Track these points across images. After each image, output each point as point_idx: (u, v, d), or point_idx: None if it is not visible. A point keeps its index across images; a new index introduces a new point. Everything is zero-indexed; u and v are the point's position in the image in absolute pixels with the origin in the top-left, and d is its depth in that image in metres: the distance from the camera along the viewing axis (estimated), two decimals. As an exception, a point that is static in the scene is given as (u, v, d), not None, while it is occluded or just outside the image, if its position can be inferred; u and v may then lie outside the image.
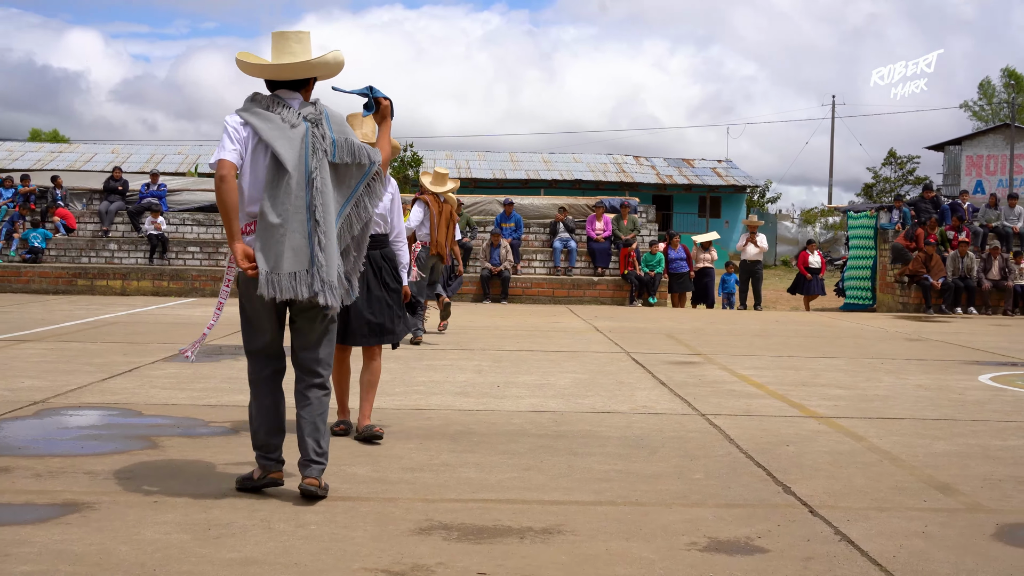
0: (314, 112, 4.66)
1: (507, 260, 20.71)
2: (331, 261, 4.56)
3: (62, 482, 4.91)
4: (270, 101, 4.66)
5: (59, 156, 53.85)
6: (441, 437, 6.24)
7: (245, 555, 3.86)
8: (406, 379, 8.76)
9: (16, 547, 3.88)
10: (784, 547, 4.12)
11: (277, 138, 4.53)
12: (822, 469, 5.57)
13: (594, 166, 55.11)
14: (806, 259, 22.47)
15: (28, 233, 21.42)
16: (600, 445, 6.09)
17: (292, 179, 4.49)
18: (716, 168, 56.24)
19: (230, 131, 4.58)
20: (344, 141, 4.66)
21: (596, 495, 4.90)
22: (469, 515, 4.48)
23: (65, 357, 9.78)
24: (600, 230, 21.71)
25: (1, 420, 6.47)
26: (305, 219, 4.52)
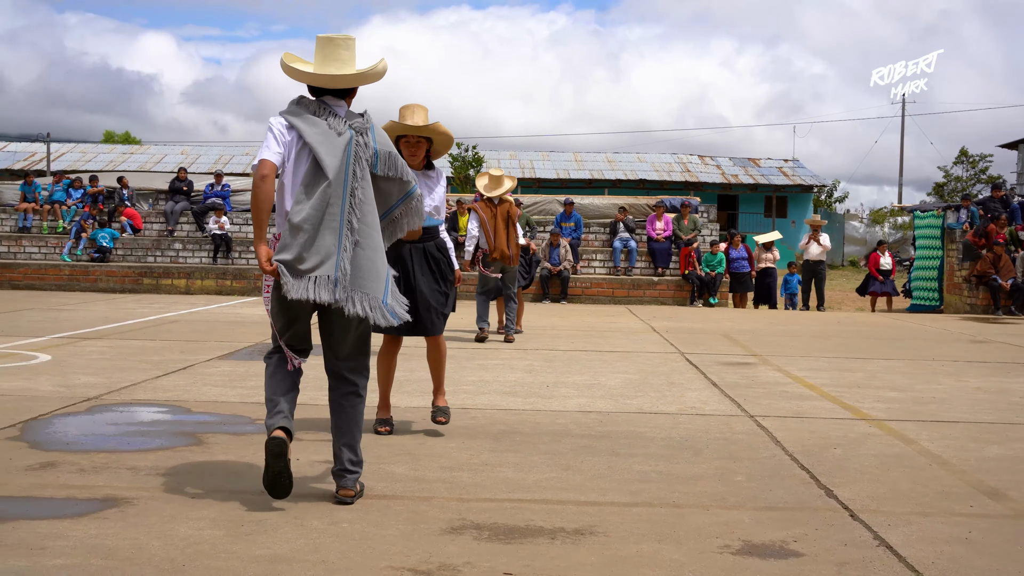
0: (361, 123, 4.65)
1: (567, 260, 20.66)
2: (375, 276, 4.53)
3: (104, 477, 4.97)
4: (317, 107, 4.64)
5: (130, 157, 54.82)
6: (484, 436, 6.23)
7: (274, 552, 3.87)
8: (456, 378, 8.77)
9: (53, 540, 3.94)
10: (819, 551, 4.04)
11: (321, 143, 4.51)
12: (868, 472, 5.47)
13: (658, 166, 54.82)
14: (877, 260, 22.05)
15: (96, 233, 21.81)
16: (643, 446, 6.04)
17: (331, 186, 4.47)
18: (782, 167, 55.65)
19: (275, 132, 4.56)
20: (387, 155, 4.65)
21: (633, 496, 4.85)
22: (502, 515, 4.46)
23: (123, 354, 9.94)
24: (660, 230, 21.57)
25: (53, 415, 6.58)
26: (339, 226, 4.47)
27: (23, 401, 7.06)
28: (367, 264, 4.52)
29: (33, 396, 7.29)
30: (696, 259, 20.72)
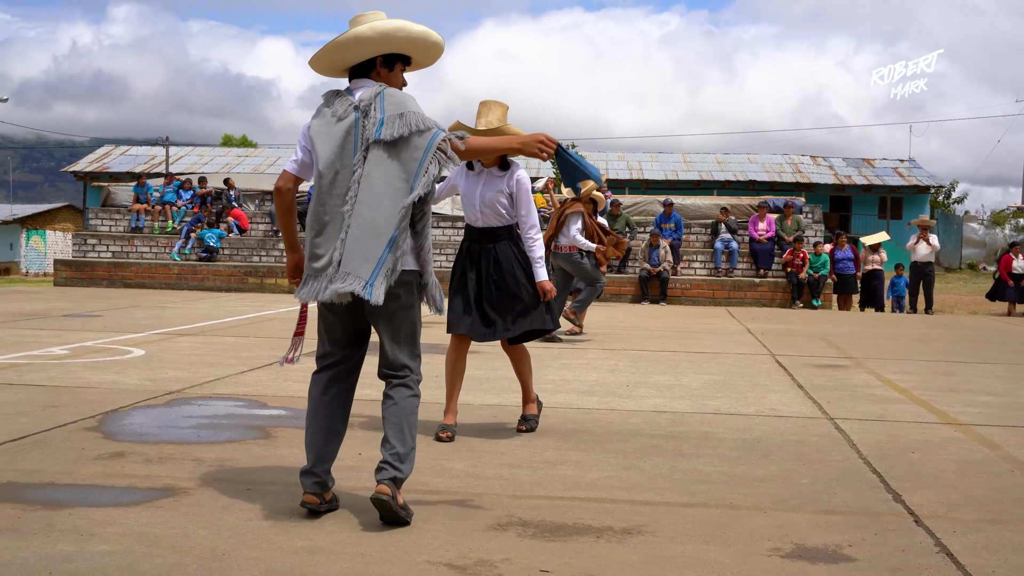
0: (369, 96, 4.26)
1: (666, 261, 20.46)
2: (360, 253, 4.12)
3: (168, 468, 5.06)
4: (333, 95, 4.37)
5: (245, 160, 56.09)
6: (551, 435, 6.17)
7: (315, 544, 3.88)
8: (536, 377, 8.70)
9: (103, 527, 4.01)
10: (873, 556, 3.90)
11: (320, 135, 4.27)
12: (942, 478, 5.26)
13: (769, 166, 53.99)
14: (1009, 263, 21.03)
15: (204, 233, 22.34)
16: (712, 447, 5.92)
17: (325, 178, 4.22)
18: (898, 168, 54.33)
19: (300, 138, 4.41)
20: (397, 116, 4.21)
21: (690, 497, 4.75)
22: (552, 513, 4.41)
23: (214, 350, 10.14)
24: (763, 230, 21.22)
25: (133, 408, 6.73)
26: (340, 215, 4.18)
27: (108, 394, 7.25)
28: (354, 243, 4.14)
29: (119, 389, 7.47)
30: (800, 260, 20.32)
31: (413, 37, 4.39)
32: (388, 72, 4.42)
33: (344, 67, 4.45)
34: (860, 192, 52.54)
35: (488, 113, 5.70)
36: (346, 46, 4.34)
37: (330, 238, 4.20)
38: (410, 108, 4.24)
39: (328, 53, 4.39)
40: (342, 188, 4.20)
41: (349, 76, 4.48)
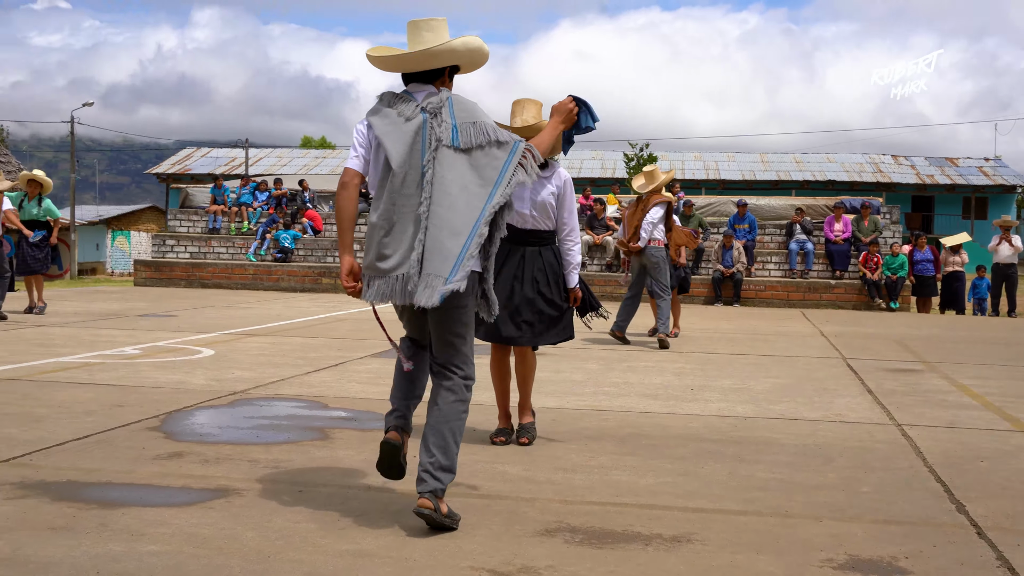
0: (436, 102, 4.33)
1: (740, 262, 20.23)
2: (440, 254, 4.12)
3: (224, 469, 5.10)
4: (393, 97, 4.40)
5: (322, 162, 56.68)
6: (608, 439, 6.11)
7: (360, 548, 3.88)
8: (600, 379, 8.67)
9: (154, 528, 4.05)
10: (930, 570, 3.79)
11: (388, 134, 4.27)
12: (1011, 488, 5.11)
13: (849, 166, 53.19)
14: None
15: (279, 234, 22.60)
16: (773, 453, 5.82)
17: (398, 176, 4.22)
18: (983, 167, 53.17)
19: (356, 136, 4.40)
20: (469, 125, 4.27)
21: (745, 504, 4.66)
22: (602, 519, 4.36)
23: (282, 351, 10.24)
24: (839, 231, 20.87)
25: (196, 408, 6.81)
26: (416, 216, 4.18)
27: (174, 393, 7.34)
28: (433, 244, 4.14)
29: (185, 389, 7.57)
30: (877, 262, 19.95)
31: (485, 54, 4.53)
32: (450, 81, 4.52)
33: (414, 71, 4.45)
34: (943, 192, 51.53)
35: (523, 111, 5.61)
36: (438, 56, 4.39)
37: (401, 238, 4.20)
38: (481, 117, 4.31)
39: (417, 59, 4.40)
40: (411, 188, 4.21)
41: (407, 79, 4.49)
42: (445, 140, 4.23)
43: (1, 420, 6.18)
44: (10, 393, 7.17)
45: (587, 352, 10.81)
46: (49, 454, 5.32)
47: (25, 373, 8.19)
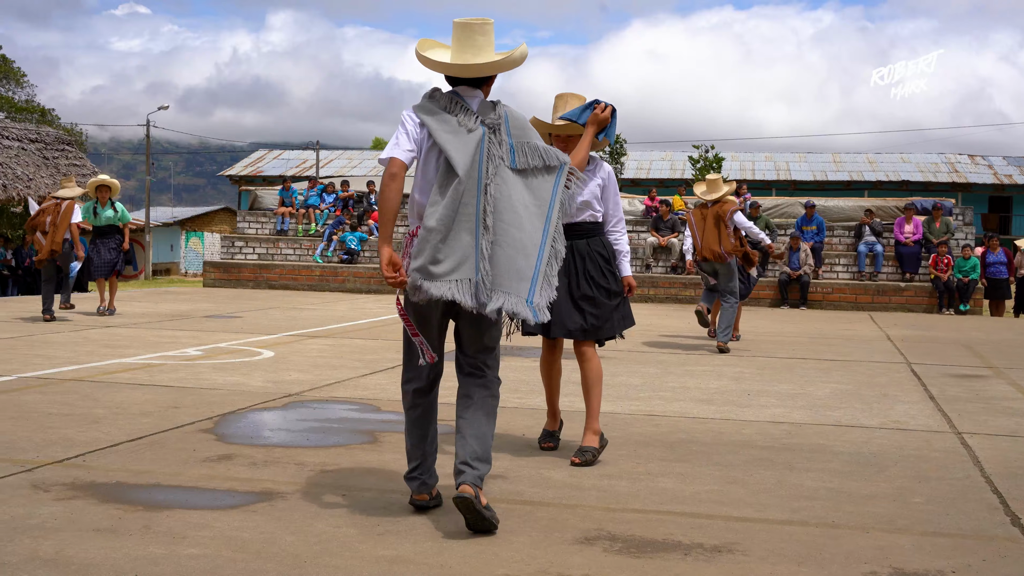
0: (494, 117, 4.41)
1: (807, 264, 19.98)
2: (513, 274, 4.24)
3: (270, 472, 5.14)
4: (448, 101, 4.42)
5: (392, 163, 56.97)
6: (658, 445, 6.06)
7: (398, 554, 3.88)
8: (657, 384, 8.61)
9: (196, 531, 4.09)
10: (977, 584, 3.69)
11: (451, 142, 4.28)
12: (1069, 499, 4.96)
13: (923, 166, 52.24)
14: None
15: (346, 236, 22.80)
16: (825, 461, 5.72)
17: (462, 185, 4.24)
18: (1063, 166, 51.86)
19: (408, 129, 4.37)
20: (525, 145, 4.39)
21: (791, 514, 4.59)
22: (643, 527, 4.31)
23: (341, 353, 10.31)
24: (909, 233, 20.52)
25: (250, 410, 6.88)
26: (474, 226, 4.24)
27: (230, 395, 7.43)
28: (506, 263, 4.25)
29: (241, 391, 7.66)
30: (948, 264, 19.58)
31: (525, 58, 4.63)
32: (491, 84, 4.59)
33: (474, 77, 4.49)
34: (1022, 192, 50.39)
35: (564, 107, 5.52)
36: (499, 66, 4.48)
37: (455, 246, 4.23)
38: (533, 138, 4.44)
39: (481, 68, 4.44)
40: (469, 198, 4.25)
41: (456, 81, 4.51)
42: (505, 160, 4.34)
43: (62, 421, 6.30)
44: (72, 394, 7.31)
45: (646, 355, 10.75)
46: (102, 455, 5.41)
47: (88, 374, 8.34)
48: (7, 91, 57.73)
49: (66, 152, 22.86)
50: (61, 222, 12.92)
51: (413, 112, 4.41)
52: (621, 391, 8.13)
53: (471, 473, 4.16)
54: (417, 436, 4.52)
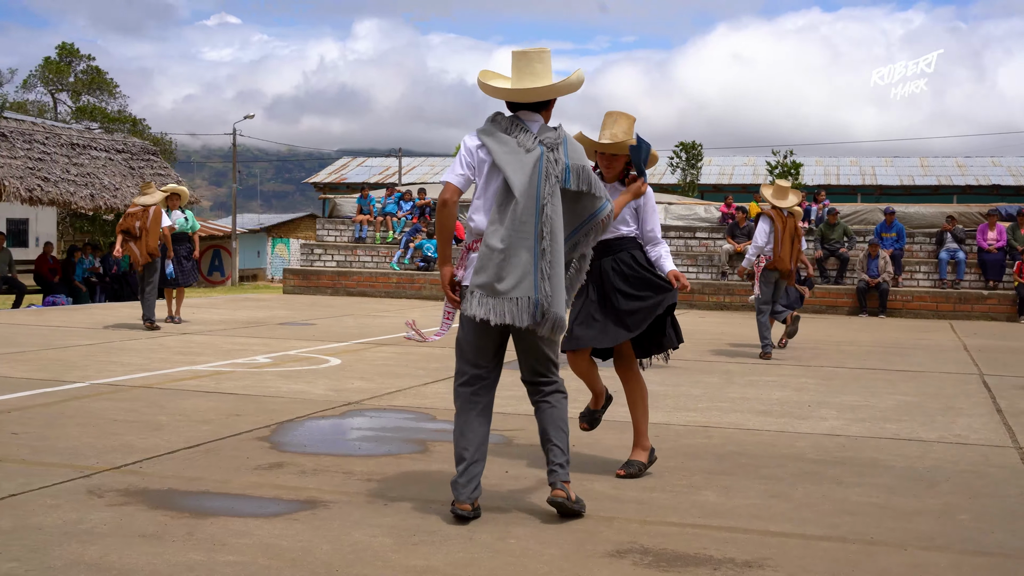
0: (553, 137, 4.59)
1: (886, 272, 19.66)
2: (557, 290, 4.47)
3: (317, 480, 5.25)
4: (509, 124, 4.62)
5: (474, 170, 57.33)
6: (707, 457, 6.05)
7: (429, 564, 3.95)
8: (718, 394, 8.57)
9: (236, 538, 4.20)
10: (1008, 605, 3.64)
11: (509, 163, 4.49)
12: (1123, 519, 4.85)
13: (1016, 170, 50.99)
14: None
15: (423, 243, 23.01)
16: (875, 475, 5.66)
17: (520, 205, 4.44)
18: None
19: (464, 154, 4.61)
20: (580, 169, 4.57)
21: (830, 529, 4.56)
22: (677, 541, 4.32)
23: (406, 361, 10.44)
24: (992, 240, 20.07)
25: (308, 418, 7.02)
26: (532, 245, 4.45)
27: (291, 403, 7.58)
28: (556, 282, 4.48)
29: (303, 399, 7.81)
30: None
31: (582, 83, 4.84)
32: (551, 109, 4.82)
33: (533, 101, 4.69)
34: (1121, 196, 48.91)
35: (613, 125, 5.49)
36: (556, 90, 4.69)
37: (516, 263, 4.46)
38: (586, 164, 4.65)
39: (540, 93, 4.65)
40: (527, 216, 4.47)
41: (516, 106, 4.71)
42: (560, 180, 4.53)
43: (125, 427, 6.49)
44: (139, 401, 7.52)
45: (712, 365, 10.70)
46: (158, 462, 5.57)
47: (158, 381, 8.57)
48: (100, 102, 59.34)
49: (151, 162, 23.45)
50: (152, 227, 13.25)
51: (475, 135, 4.64)
52: (680, 402, 8.11)
53: (562, 475, 4.59)
54: (466, 440, 4.62)
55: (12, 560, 3.86)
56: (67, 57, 59.12)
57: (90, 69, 59.24)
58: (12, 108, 52.58)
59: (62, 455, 5.67)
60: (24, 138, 20.41)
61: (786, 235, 11.38)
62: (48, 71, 58.46)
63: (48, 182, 19.98)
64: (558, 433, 4.64)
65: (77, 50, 59.70)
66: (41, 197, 19.69)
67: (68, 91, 59.32)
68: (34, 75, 58.86)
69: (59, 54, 59.04)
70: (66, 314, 16.14)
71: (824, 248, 20.73)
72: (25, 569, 3.77)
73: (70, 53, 59.32)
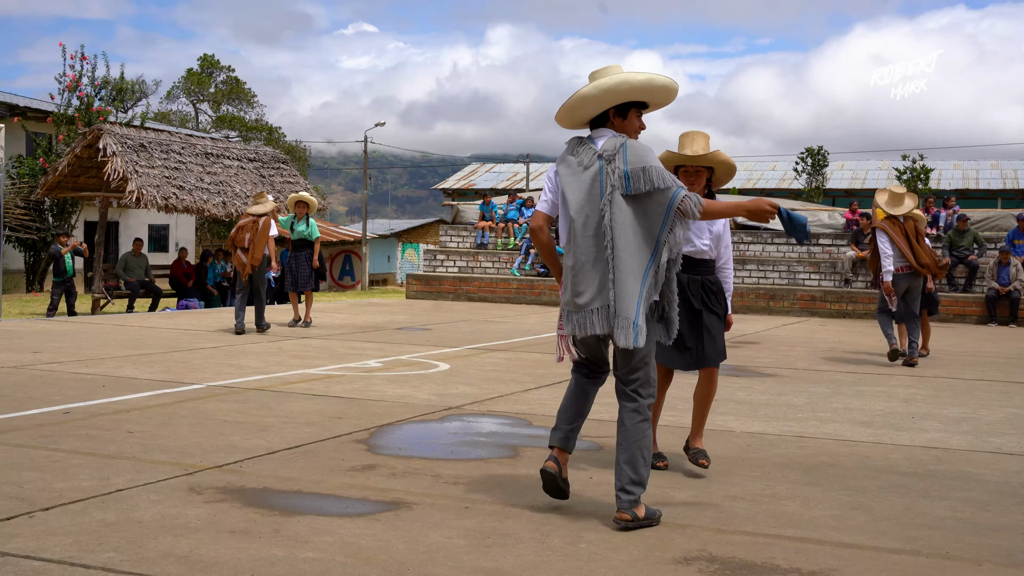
0: (612, 148, 4.71)
1: (1017, 280, 19.06)
2: (626, 297, 4.57)
3: (405, 482, 5.43)
4: (576, 144, 4.84)
5: (601, 175, 57.40)
6: (795, 467, 6.05)
7: (498, 565, 4.08)
8: (821, 404, 8.51)
9: (319, 536, 4.40)
10: (1074, 624, 3.60)
11: (569, 183, 4.72)
12: None
13: None
14: None
15: (543, 249, 23.18)
16: (966, 489, 5.58)
17: (577, 222, 4.66)
18: None
19: (547, 182, 4.93)
20: (640, 171, 4.63)
21: (906, 543, 4.53)
22: (747, 550, 4.36)
23: (514, 367, 10.60)
24: None
25: (408, 422, 7.23)
26: (600, 256, 4.62)
27: (393, 407, 7.81)
28: (621, 288, 4.58)
29: (406, 403, 8.03)
30: None
31: (636, 87, 4.83)
32: (622, 120, 4.90)
33: (584, 121, 4.96)
34: None
35: (692, 143, 5.71)
36: (576, 106, 4.89)
37: (591, 276, 4.67)
38: (651, 163, 4.68)
39: (565, 114, 4.96)
40: (592, 229, 4.67)
41: (590, 126, 4.96)
42: (619, 187, 4.64)
43: (232, 428, 6.80)
44: (250, 403, 7.85)
45: (821, 374, 10.59)
46: (258, 462, 5.84)
47: (270, 383, 8.91)
48: (239, 111, 61.31)
49: (281, 170, 24.17)
50: (259, 239, 13.71)
51: (557, 163, 4.89)
52: (781, 411, 8.08)
53: (625, 499, 4.63)
54: (571, 408, 4.95)
55: (111, 550, 4.13)
56: (208, 68, 61.26)
57: (229, 79, 61.31)
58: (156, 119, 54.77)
59: (170, 453, 5.98)
60: (162, 148, 21.28)
61: (901, 238, 11.27)
62: (190, 82, 60.71)
63: (183, 190, 20.80)
64: (628, 454, 4.68)
65: (217, 61, 61.84)
66: (176, 205, 20.50)
67: (209, 101, 61.46)
68: (177, 86, 61.21)
69: (201, 65, 61.24)
70: (195, 318, 16.81)
71: (952, 255, 20.21)
72: (121, 559, 4.02)
73: (211, 64, 61.46)
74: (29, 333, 13.20)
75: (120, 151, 20.14)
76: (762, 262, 22.00)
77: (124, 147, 20.32)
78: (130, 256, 22.25)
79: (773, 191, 48.65)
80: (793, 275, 21.57)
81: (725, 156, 5.66)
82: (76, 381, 8.75)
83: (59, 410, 7.31)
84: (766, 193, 46.72)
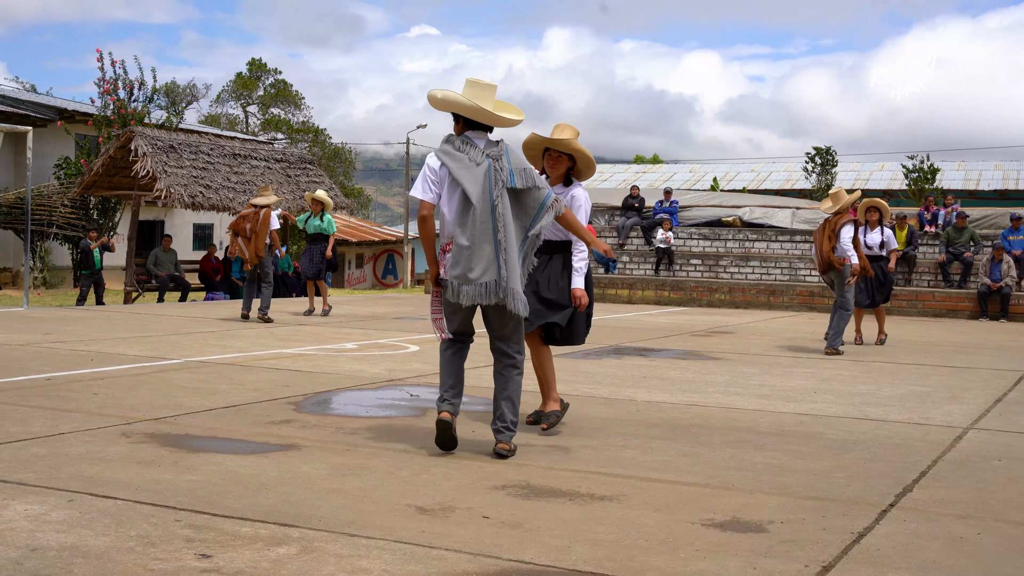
0: (496, 150, 5.72)
1: (1009, 276, 19.56)
2: (513, 273, 5.59)
3: (308, 432, 6.29)
4: (460, 143, 5.75)
5: (641, 176, 58.00)
6: (663, 427, 6.84)
7: (341, 487, 4.93)
8: (742, 382, 9.24)
9: (208, 466, 5.28)
10: (795, 534, 4.39)
11: (464, 176, 5.62)
12: (974, 475, 5.48)
13: None
14: None
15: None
16: (800, 444, 6.34)
17: (477, 209, 5.56)
18: None
19: (428, 172, 5.76)
20: (522, 171, 5.70)
21: (706, 479, 5.32)
22: (562, 481, 5.17)
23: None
24: (1124, 245, 19.67)
25: (347, 390, 8.13)
26: (491, 239, 5.56)
27: (341, 379, 8.72)
28: (512, 266, 5.59)
29: (355, 376, 8.93)
30: None
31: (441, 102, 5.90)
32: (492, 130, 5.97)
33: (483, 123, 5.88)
34: None
35: (561, 132, 6.56)
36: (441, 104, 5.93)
37: (481, 255, 5.63)
38: (527, 165, 5.83)
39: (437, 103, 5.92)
40: (485, 217, 5.65)
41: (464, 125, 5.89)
42: (507, 182, 5.67)
43: (186, 393, 7.72)
44: (214, 375, 8.79)
45: (762, 359, 11.30)
46: (193, 416, 6.77)
47: (243, 360, 9.87)
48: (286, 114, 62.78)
49: (307, 170, 25.27)
50: (261, 230, 14.68)
51: (435, 155, 5.81)
52: (697, 387, 8.83)
53: (508, 435, 5.74)
54: (451, 377, 5.86)
55: (31, 472, 5.06)
56: (256, 72, 62.83)
57: (277, 83, 62.83)
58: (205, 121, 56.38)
59: (121, 410, 6.93)
60: (191, 149, 22.44)
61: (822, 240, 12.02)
62: (239, 86, 62.33)
63: (210, 189, 21.93)
64: (509, 403, 5.78)
65: (265, 64, 63.34)
66: (203, 203, 21.64)
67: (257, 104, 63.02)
68: (226, 90, 62.88)
69: (249, 69, 62.81)
70: (211, 308, 17.87)
71: (948, 252, 20.75)
72: (37, 477, 4.95)
73: (259, 68, 63.01)
74: (48, 319, 14.31)
75: (150, 152, 21.33)
76: (765, 259, 22.66)
77: (154, 148, 21.51)
78: (160, 251, 23.44)
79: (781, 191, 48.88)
80: (795, 271, 22.20)
81: (584, 148, 6.49)
82: (70, 356, 9.76)
83: (43, 377, 8.31)
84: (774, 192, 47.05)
